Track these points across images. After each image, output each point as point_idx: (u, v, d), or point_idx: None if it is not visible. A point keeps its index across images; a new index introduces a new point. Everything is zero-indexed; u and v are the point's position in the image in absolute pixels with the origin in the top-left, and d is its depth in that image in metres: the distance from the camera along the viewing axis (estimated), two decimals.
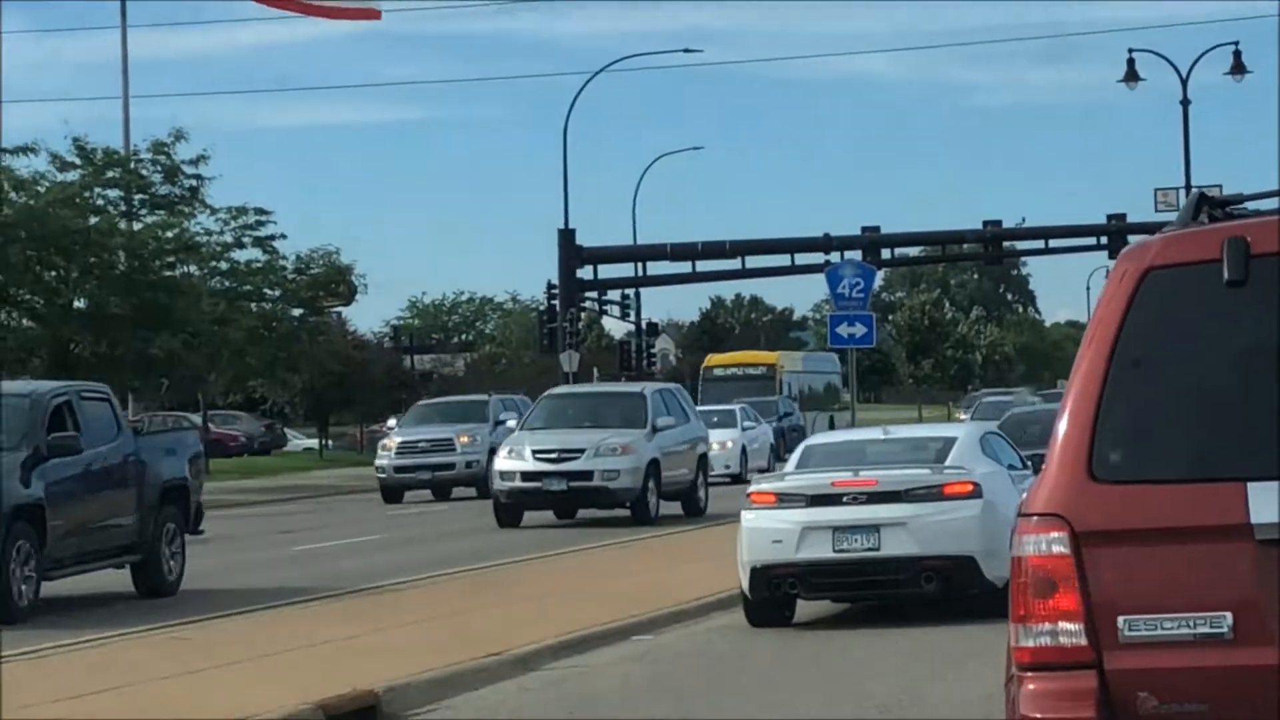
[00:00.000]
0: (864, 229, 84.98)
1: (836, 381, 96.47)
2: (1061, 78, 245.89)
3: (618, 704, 16.12)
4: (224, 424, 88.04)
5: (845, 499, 20.40)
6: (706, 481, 41.10)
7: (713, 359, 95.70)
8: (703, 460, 40.93)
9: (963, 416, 72.59)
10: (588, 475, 37.61)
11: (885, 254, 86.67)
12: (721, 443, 51.54)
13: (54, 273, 60.10)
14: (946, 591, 20.60)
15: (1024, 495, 7.97)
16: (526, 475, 37.90)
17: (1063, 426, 7.37)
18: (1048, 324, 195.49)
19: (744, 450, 56.40)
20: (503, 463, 38.47)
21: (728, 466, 53.50)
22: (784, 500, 20.71)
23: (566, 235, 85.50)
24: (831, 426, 72.94)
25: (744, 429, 58.32)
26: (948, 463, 21.03)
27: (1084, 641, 7.20)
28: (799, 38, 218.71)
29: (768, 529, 20.51)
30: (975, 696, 15.56)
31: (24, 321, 60.72)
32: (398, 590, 25.74)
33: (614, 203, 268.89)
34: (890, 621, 20.83)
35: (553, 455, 37.75)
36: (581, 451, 37.69)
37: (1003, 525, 20.68)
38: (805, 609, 21.48)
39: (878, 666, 17.85)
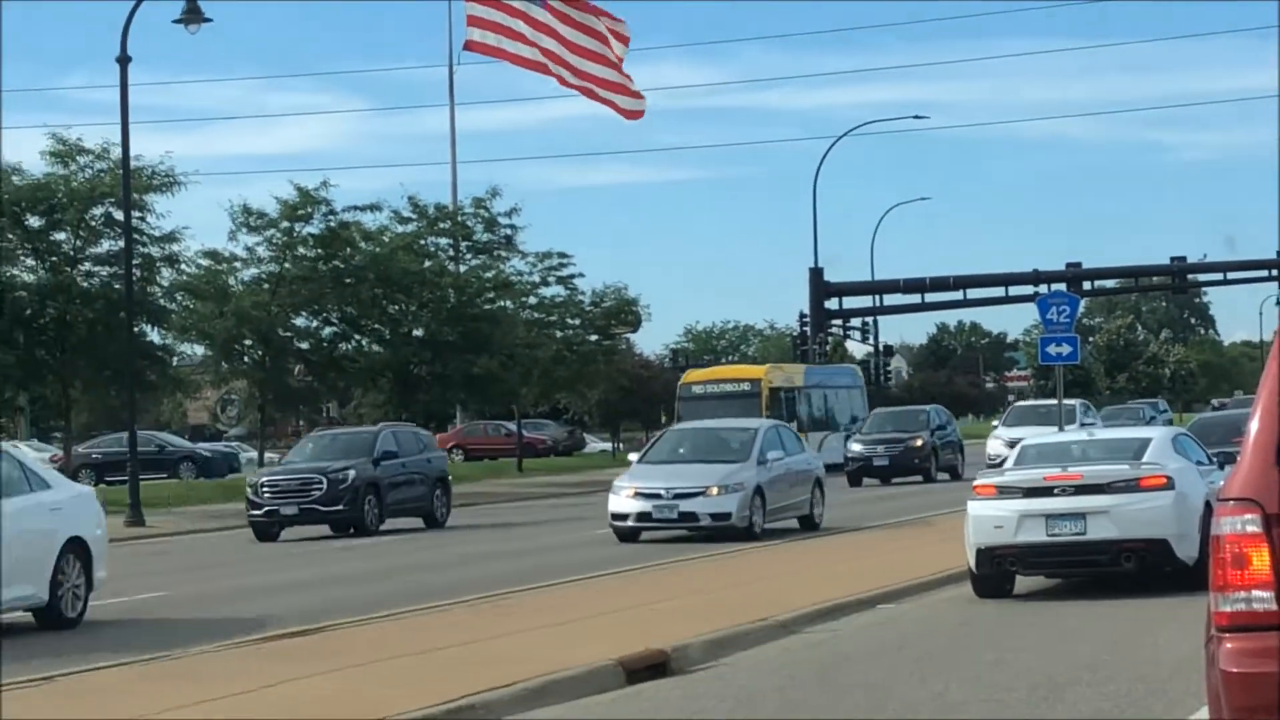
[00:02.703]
0: (1068, 264, 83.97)
1: (858, 397, 71.95)
2: (1228, 137, 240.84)
3: (864, 662, 16.00)
4: (534, 429, 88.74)
5: (1056, 491, 20.29)
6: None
7: (691, 375, 67.92)
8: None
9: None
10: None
11: (1086, 285, 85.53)
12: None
13: (396, 307, 61.04)
14: (1143, 569, 20.36)
15: (1214, 486, 7.90)
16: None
17: (1254, 425, 7.25)
18: (1225, 344, 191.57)
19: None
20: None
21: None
22: (1004, 492, 20.60)
23: (816, 272, 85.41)
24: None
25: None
26: (1144, 459, 20.80)
27: (1274, 607, 7.09)
28: (1010, 105, 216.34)
29: (990, 516, 20.43)
30: (1169, 658, 15.27)
31: (373, 347, 61.72)
32: (679, 566, 25.76)
33: (855, 244, 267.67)
34: (1095, 594, 20.55)
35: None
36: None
37: (1192, 513, 20.36)
38: (1023, 583, 21.27)
39: (1085, 631, 17.58)
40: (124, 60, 43.93)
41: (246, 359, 57.94)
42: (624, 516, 32.05)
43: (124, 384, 46.36)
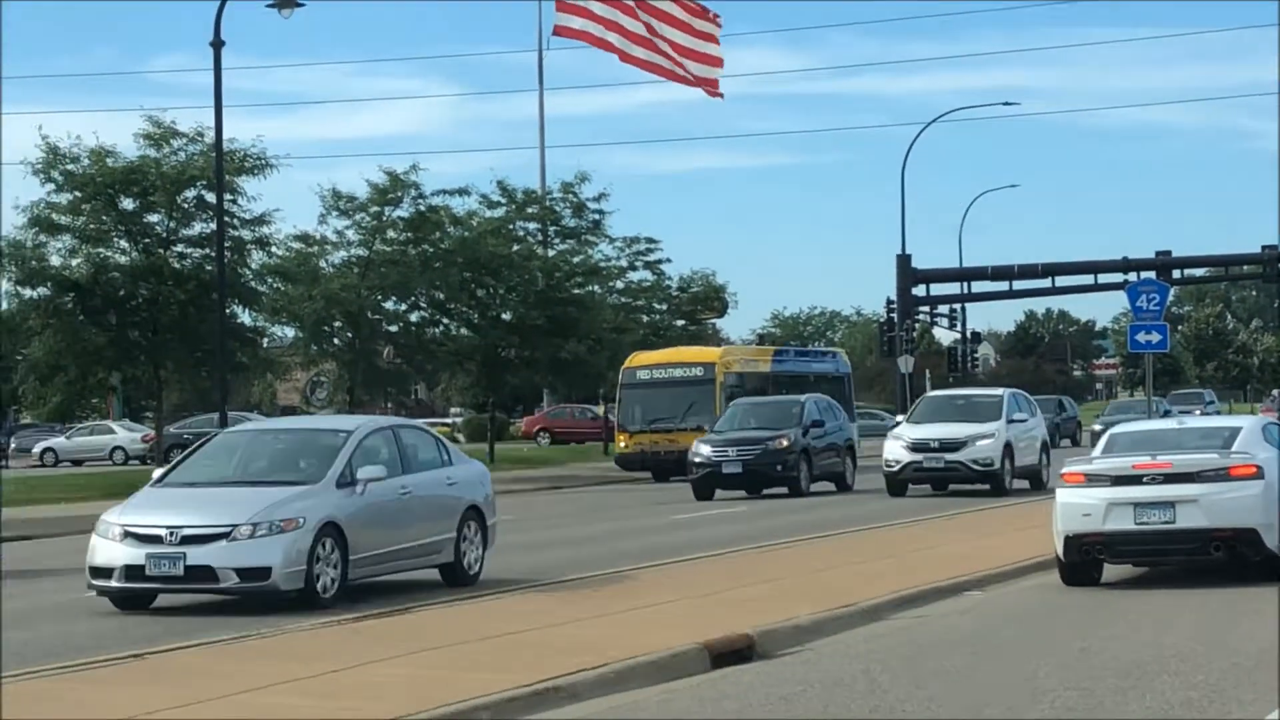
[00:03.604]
0: (1157, 252, 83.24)
1: (842, 387, 60.42)
2: None
3: (950, 648, 15.92)
4: None
5: (1145, 479, 20.12)
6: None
7: (636, 359, 56.35)
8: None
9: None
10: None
11: (1175, 274, 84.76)
12: None
13: (485, 291, 61.14)
14: (1232, 559, 20.19)
15: None
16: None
17: None
18: None
19: None
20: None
21: None
22: (1092, 480, 20.46)
23: (903, 259, 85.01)
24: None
25: None
26: (1234, 448, 20.59)
27: None
28: (1100, 92, 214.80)
29: (1079, 504, 20.31)
30: (1256, 648, 15.14)
31: (462, 331, 61.90)
32: (763, 551, 25.70)
33: (943, 231, 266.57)
34: (1184, 583, 20.38)
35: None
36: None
37: None
38: (1111, 571, 21.12)
39: (1173, 621, 17.44)
40: (217, 44, 44.17)
41: (336, 341, 58.21)
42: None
43: (215, 365, 46.69)
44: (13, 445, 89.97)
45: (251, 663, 15.03)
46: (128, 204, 49.57)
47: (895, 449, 39.81)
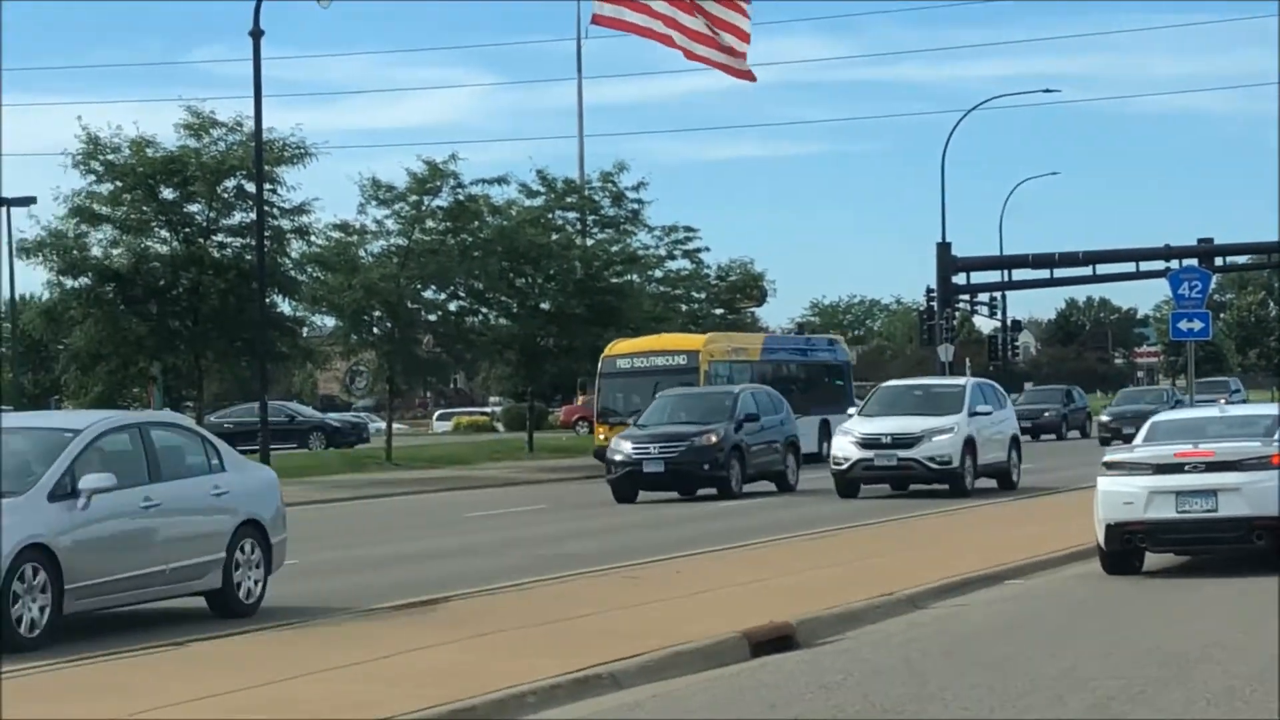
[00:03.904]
0: (1199, 240, 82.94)
1: (841, 374, 59.88)
2: None
3: (991, 637, 15.94)
4: None
5: (1186, 468, 20.08)
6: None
7: (616, 346, 53.55)
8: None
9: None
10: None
11: (1218, 261, 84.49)
12: None
13: (524, 280, 61.20)
14: (1275, 547, 20.12)
15: None
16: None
17: None
18: None
19: None
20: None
21: None
22: (1133, 468, 20.43)
23: (943, 247, 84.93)
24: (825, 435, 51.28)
25: None
26: (1276, 436, 20.53)
27: None
28: (1141, 78, 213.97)
29: (1120, 492, 20.27)
30: None
31: (500, 320, 62.00)
32: (804, 541, 25.71)
33: (983, 219, 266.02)
34: (1226, 572, 20.35)
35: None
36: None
37: None
38: (1152, 560, 21.08)
39: (1215, 609, 17.43)
40: (257, 34, 44.33)
41: (375, 330, 58.35)
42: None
43: (255, 354, 46.89)
44: None
45: (287, 649, 15.11)
46: (168, 194, 49.76)
47: (844, 445, 36.10)
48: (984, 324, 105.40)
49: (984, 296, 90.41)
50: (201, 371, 51.63)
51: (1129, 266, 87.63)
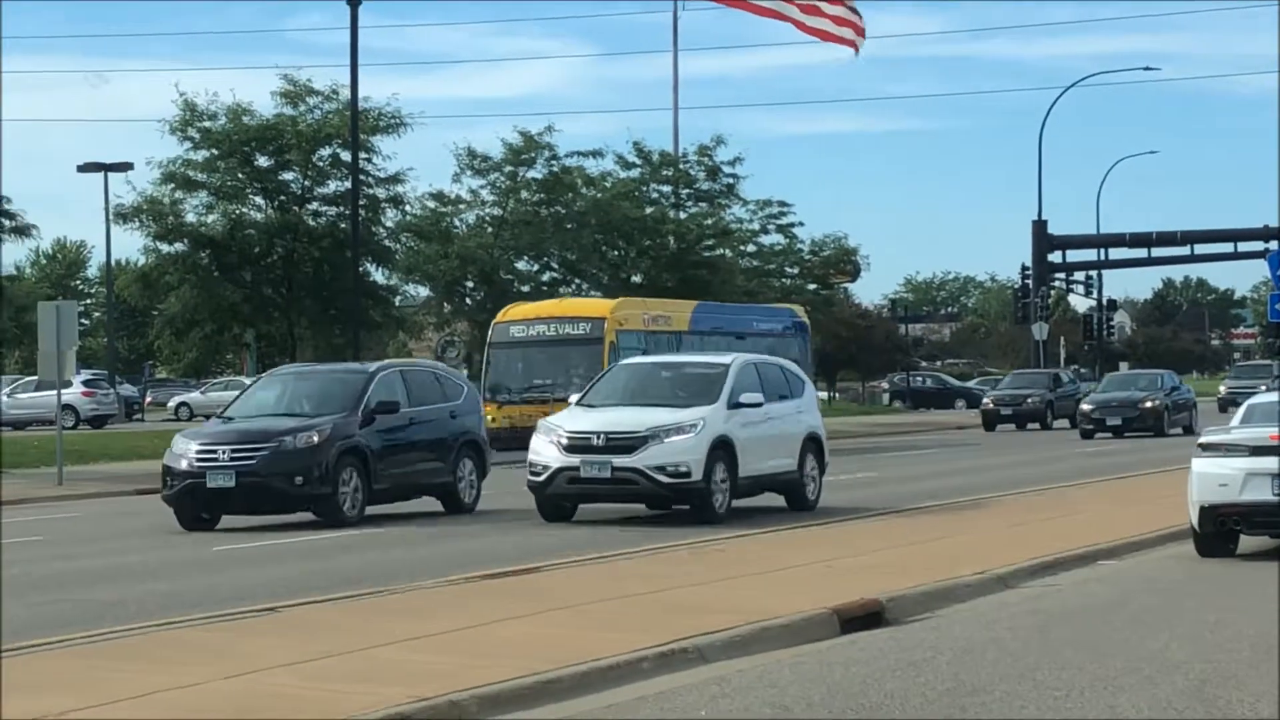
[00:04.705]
0: None
1: (794, 350, 49.00)
2: None
3: (1082, 618, 15.78)
4: None
5: None
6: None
7: (510, 312, 46.65)
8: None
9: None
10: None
11: None
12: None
13: (616, 253, 61.27)
14: None
15: None
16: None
17: None
18: None
19: None
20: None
21: None
22: (1229, 450, 20.18)
23: (1039, 225, 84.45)
24: None
25: None
26: None
27: None
28: (1242, 57, 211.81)
29: (1215, 474, 20.03)
30: None
31: (592, 293, 62.09)
32: (892, 519, 25.61)
33: (1080, 197, 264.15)
34: None
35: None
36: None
37: None
38: (1247, 543, 20.84)
39: None
40: (354, 3, 44.44)
41: (468, 300, 58.54)
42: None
43: (348, 322, 47.10)
44: (149, 399, 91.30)
45: (380, 618, 15.15)
46: (263, 161, 50.08)
47: (543, 447, 25.70)
48: (1079, 303, 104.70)
49: (1080, 275, 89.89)
50: (295, 339, 51.94)
51: (1227, 247, 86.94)
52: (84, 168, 60.02)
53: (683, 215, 64.61)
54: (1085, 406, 57.80)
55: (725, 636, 14.12)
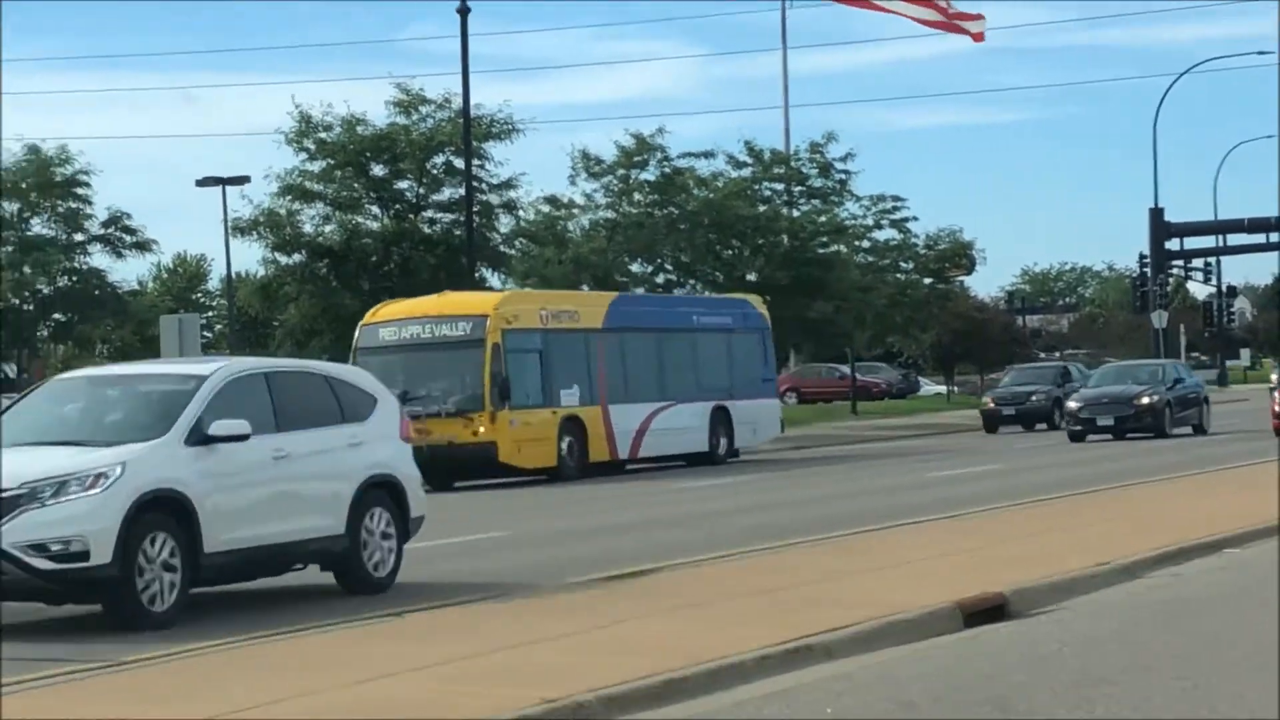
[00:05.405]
0: None
1: (753, 350, 45.14)
2: None
3: (1209, 607, 15.63)
4: (868, 373, 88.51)
5: None
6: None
7: (379, 312, 39.61)
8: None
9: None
10: None
11: None
12: None
13: (730, 251, 61.27)
14: None
15: None
16: None
17: None
18: None
19: None
20: None
21: None
22: None
23: (1156, 212, 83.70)
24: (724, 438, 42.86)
25: None
26: None
27: None
28: None
29: None
30: None
31: (707, 292, 62.12)
32: (1011, 510, 25.45)
33: (1197, 184, 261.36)
34: None
35: None
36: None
37: None
38: None
39: None
40: (464, 11, 44.70)
41: None
42: None
43: None
44: None
45: (500, 621, 15.23)
46: (378, 171, 50.50)
47: None
48: (1198, 290, 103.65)
49: (1198, 262, 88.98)
50: None
51: None
52: (202, 182, 60.50)
53: (796, 213, 64.53)
54: (1072, 404, 49.09)
55: (849, 632, 14.09)
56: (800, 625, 14.19)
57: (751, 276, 61.36)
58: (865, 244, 69.03)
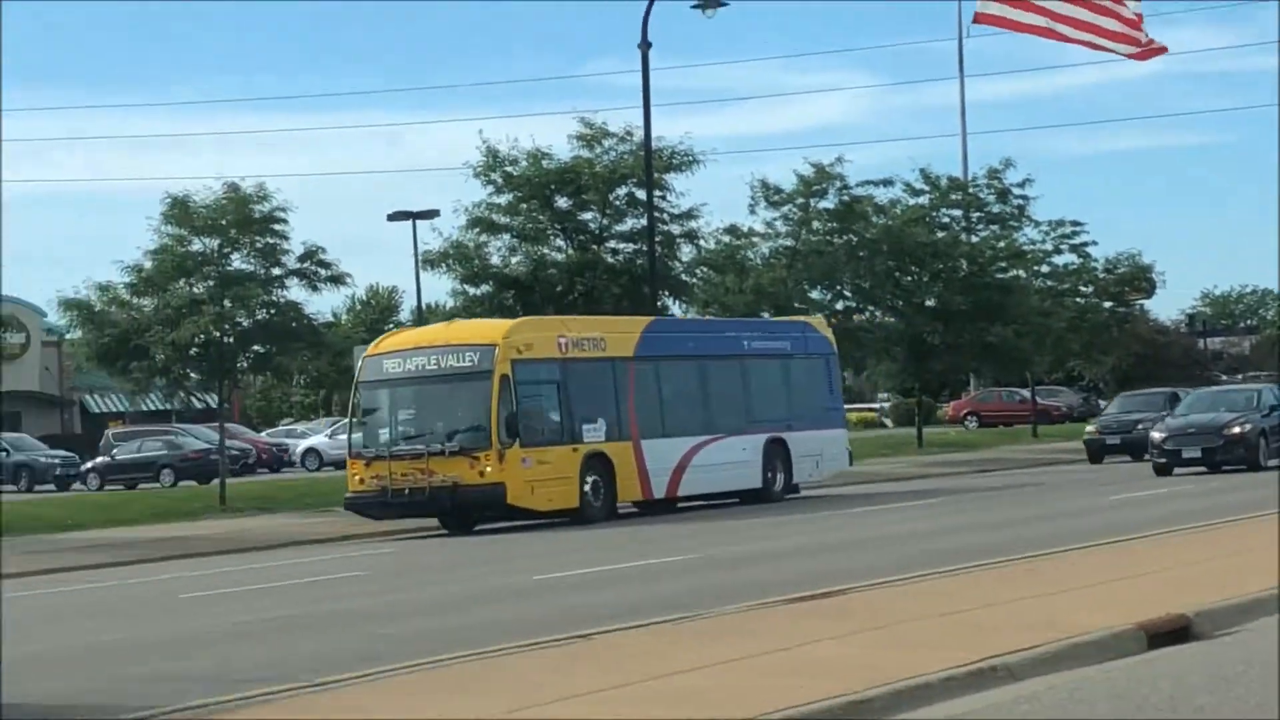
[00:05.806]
0: None
1: (818, 379, 41.95)
2: None
3: None
4: (1047, 396, 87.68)
5: None
6: None
7: (384, 343, 36.86)
8: None
9: None
10: None
11: None
12: None
13: (909, 278, 61.06)
14: None
15: None
16: None
17: None
18: None
19: None
20: None
21: None
22: None
23: None
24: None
25: None
26: None
27: None
28: None
29: None
30: None
31: (887, 318, 61.96)
32: (1193, 532, 25.10)
33: None
34: None
35: None
36: None
37: None
38: None
39: None
40: (645, 46, 44.97)
41: None
42: None
43: None
44: None
45: (686, 642, 15.31)
46: (563, 203, 50.89)
47: None
48: None
49: None
50: None
51: None
52: (393, 216, 61.46)
53: (974, 239, 64.19)
54: (1156, 434, 43.91)
55: (1033, 654, 14.00)
56: (984, 646, 14.12)
57: (931, 302, 61.14)
58: (1044, 269, 68.51)
